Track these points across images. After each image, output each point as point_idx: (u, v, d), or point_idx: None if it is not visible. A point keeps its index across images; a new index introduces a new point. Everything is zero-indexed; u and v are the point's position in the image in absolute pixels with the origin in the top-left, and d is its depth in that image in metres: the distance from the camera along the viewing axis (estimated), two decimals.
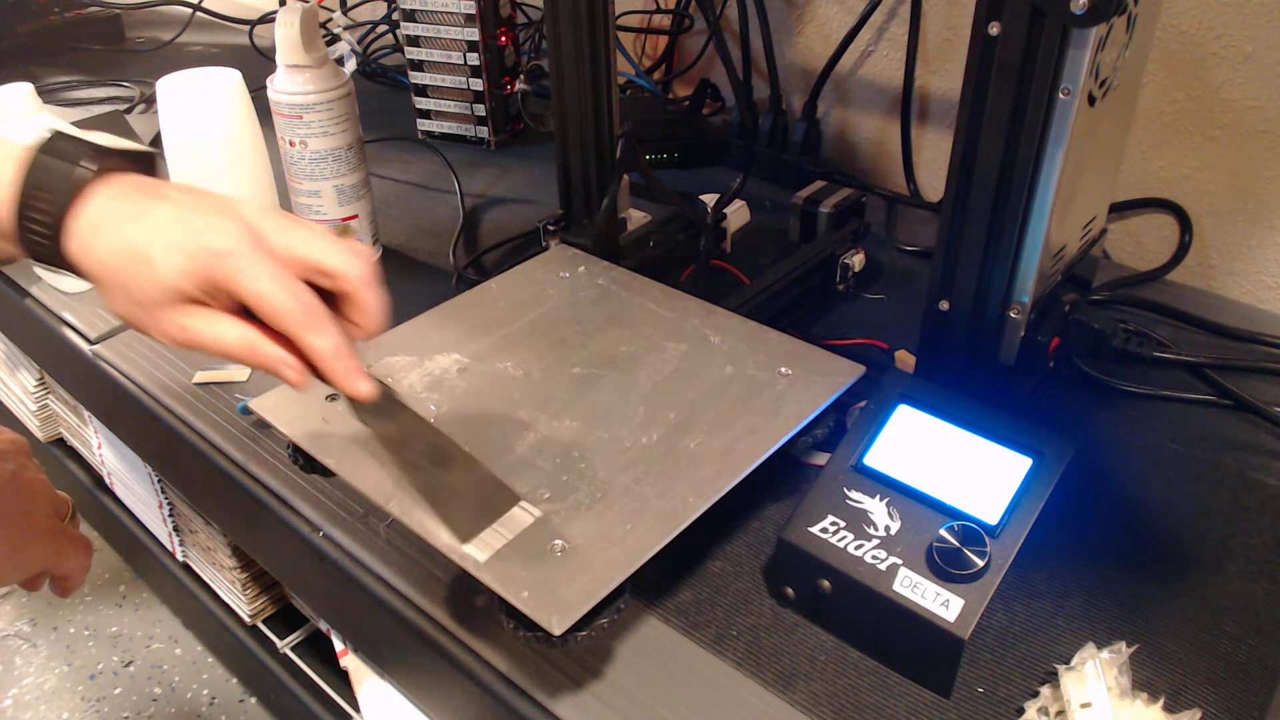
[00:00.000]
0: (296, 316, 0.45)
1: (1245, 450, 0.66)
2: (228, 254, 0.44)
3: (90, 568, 0.62)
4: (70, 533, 0.61)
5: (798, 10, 1.06)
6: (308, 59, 0.79)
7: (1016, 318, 0.59)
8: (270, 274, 0.45)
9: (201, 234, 0.45)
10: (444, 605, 0.56)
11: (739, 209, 0.92)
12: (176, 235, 0.45)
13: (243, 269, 0.45)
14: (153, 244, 0.44)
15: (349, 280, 0.47)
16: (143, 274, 0.45)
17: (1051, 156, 0.53)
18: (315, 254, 0.46)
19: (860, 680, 0.51)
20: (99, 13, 1.51)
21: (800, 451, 0.63)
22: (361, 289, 0.47)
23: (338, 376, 0.47)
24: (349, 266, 0.47)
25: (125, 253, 0.45)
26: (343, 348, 0.47)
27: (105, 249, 0.45)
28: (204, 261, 0.44)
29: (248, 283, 0.45)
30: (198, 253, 0.44)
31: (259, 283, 0.45)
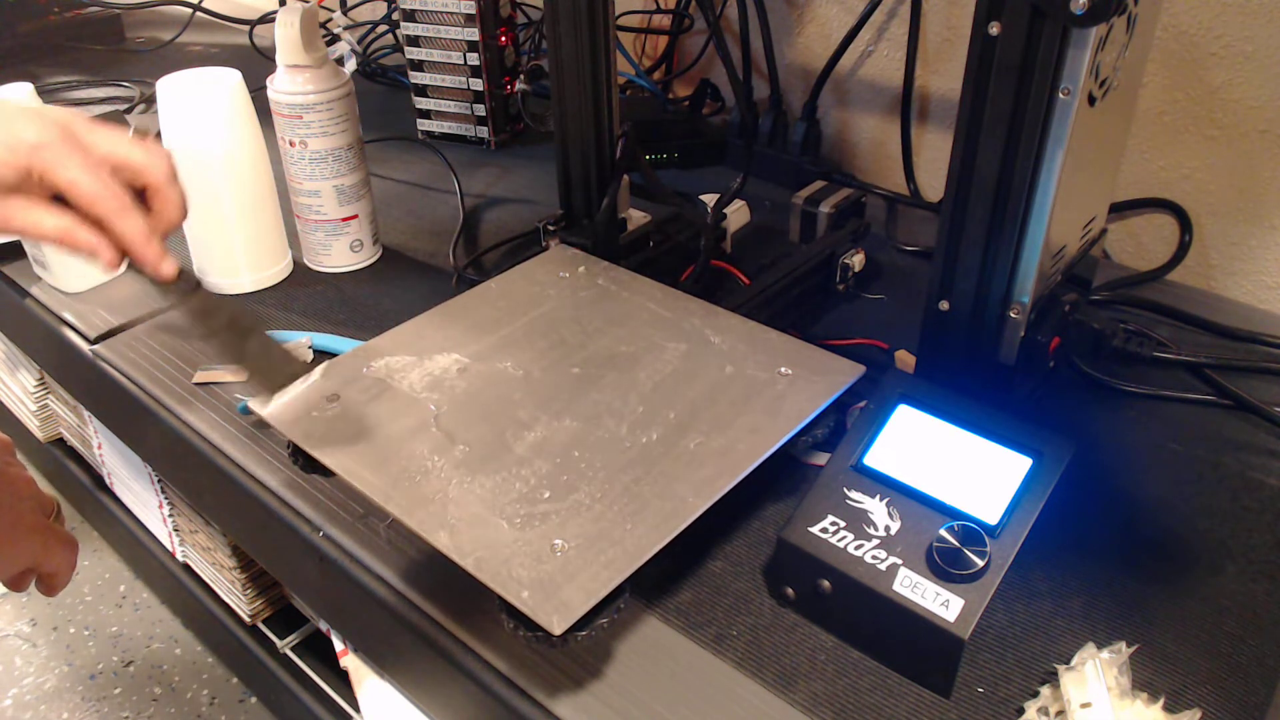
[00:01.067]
0: (108, 203, 0.50)
1: (1245, 450, 0.66)
2: (43, 145, 0.49)
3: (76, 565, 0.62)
4: (56, 530, 0.61)
5: (798, 10, 1.06)
6: (308, 59, 0.79)
7: (1016, 318, 0.59)
8: (83, 165, 0.50)
9: (17, 128, 0.49)
10: (444, 605, 0.56)
11: (739, 209, 0.92)
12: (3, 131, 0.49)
13: (58, 159, 0.49)
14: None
15: (152, 174, 0.52)
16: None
17: (1051, 156, 0.53)
18: (120, 151, 0.52)
19: (860, 680, 0.51)
20: (99, 13, 1.51)
21: (800, 451, 0.63)
22: (164, 182, 0.52)
23: (147, 258, 0.52)
24: (152, 161, 0.52)
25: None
26: (149, 232, 0.52)
27: None
28: (21, 152, 0.49)
29: (63, 171, 0.49)
30: (15, 144, 0.49)
31: (72, 171, 0.50)
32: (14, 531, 0.58)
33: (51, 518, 0.62)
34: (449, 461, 0.55)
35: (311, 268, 0.88)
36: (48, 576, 0.61)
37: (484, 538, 0.50)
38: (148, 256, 0.52)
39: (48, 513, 0.61)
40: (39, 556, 0.59)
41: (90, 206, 0.50)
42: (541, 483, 0.53)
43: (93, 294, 0.85)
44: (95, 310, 0.83)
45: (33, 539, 0.59)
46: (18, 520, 0.58)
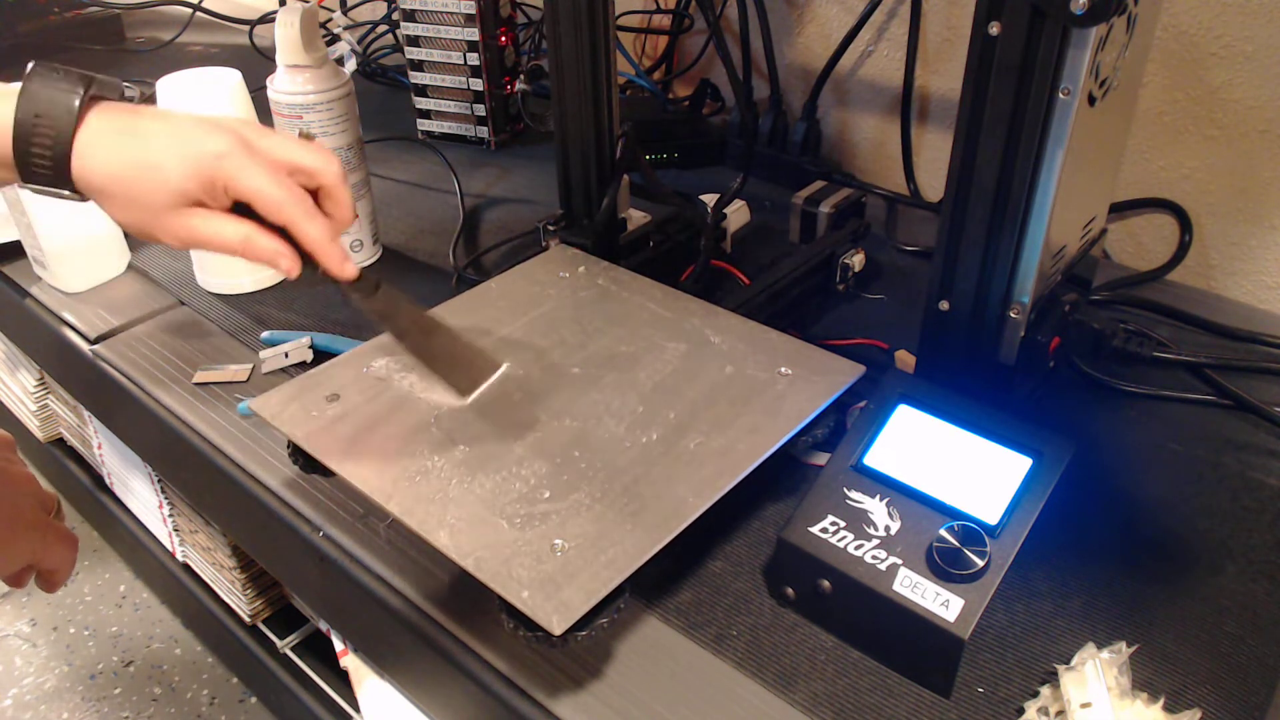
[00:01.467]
0: (292, 208, 0.51)
1: (1245, 450, 0.66)
2: (225, 155, 0.50)
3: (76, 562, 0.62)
4: (56, 526, 0.61)
5: (798, 10, 1.06)
6: (308, 59, 0.79)
7: (1016, 318, 0.59)
8: (264, 172, 0.51)
9: (200, 141, 0.50)
10: (444, 605, 0.56)
11: (739, 209, 0.92)
12: (178, 144, 0.50)
13: (240, 168, 0.50)
14: (159, 152, 0.50)
15: (326, 175, 0.53)
16: (152, 179, 0.50)
17: (1051, 156, 0.53)
18: (295, 155, 0.53)
19: (860, 680, 0.51)
20: (99, 13, 1.51)
21: (800, 451, 0.63)
22: (337, 183, 0.54)
23: (332, 259, 0.53)
24: (325, 163, 0.53)
25: (134, 163, 0.50)
26: (332, 233, 0.53)
27: (112, 162, 0.50)
28: (206, 164, 0.50)
29: (246, 179, 0.50)
30: (200, 156, 0.50)
31: (256, 179, 0.51)
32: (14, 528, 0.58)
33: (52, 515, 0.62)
34: (449, 461, 0.55)
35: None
36: (48, 573, 0.61)
37: (484, 538, 0.50)
38: (334, 258, 0.53)
39: (48, 509, 0.61)
40: (39, 553, 0.59)
41: (276, 212, 0.51)
42: (541, 483, 0.53)
43: (93, 294, 0.85)
44: (95, 310, 0.83)
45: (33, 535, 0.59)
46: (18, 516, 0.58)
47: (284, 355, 0.74)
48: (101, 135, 0.51)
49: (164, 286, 0.86)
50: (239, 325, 0.80)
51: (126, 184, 0.51)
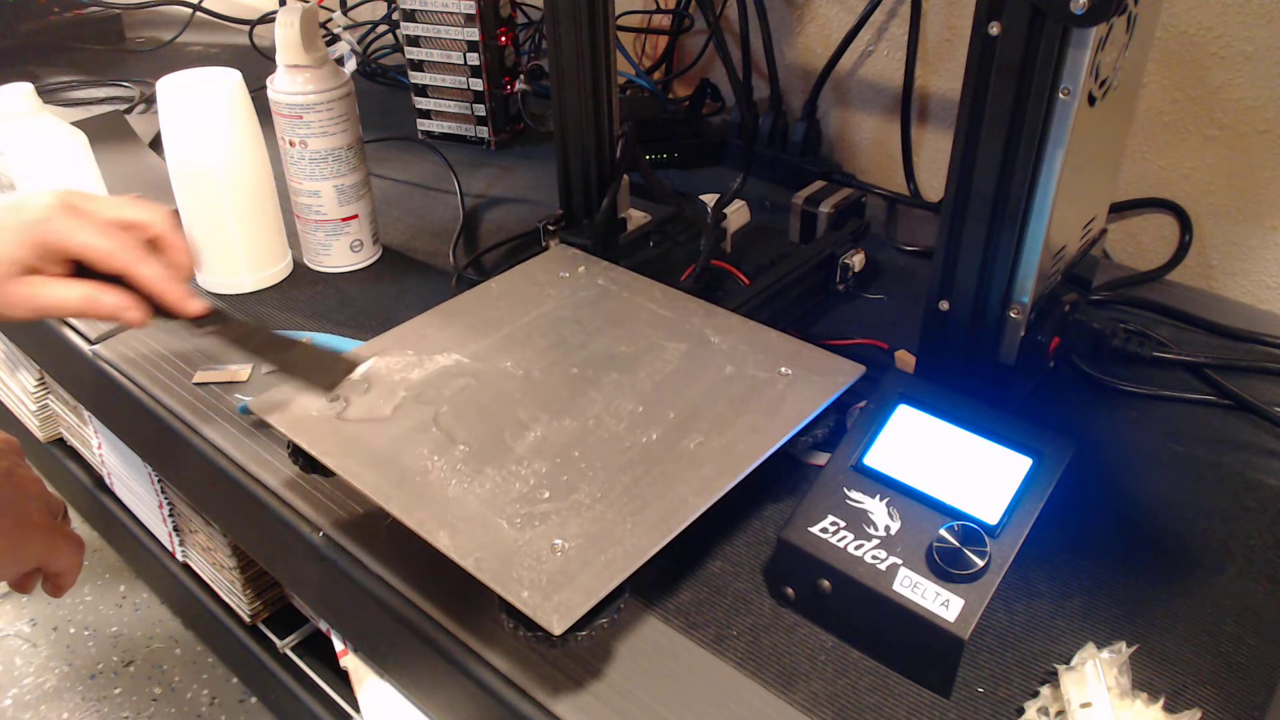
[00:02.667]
0: (124, 255, 0.53)
1: (1245, 450, 0.66)
2: (50, 219, 0.53)
3: (82, 566, 0.62)
4: (64, 530, 0.61)
5: (798, 10, 1.06)
6: (308, 59, 0.79)
7: (1016, 318, 0.59)
8: (91, 227, 0.53)
9: (24, 210, 0.53)
10: (444, 605, 0.56)
11: (739, 209, 0.92)
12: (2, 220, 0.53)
13: (69, 227, 0.53)
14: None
15: (155, 225, 0.55)
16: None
17: (1051, 156, 0.53)
18: (122, 212, 0.55)
19: (860, 680, 0.51)
20: (99, 13, 1.51)
21: (800, 451, 0.63)
22: (169, 231, 0.56)
23: (173, 299, 0.55)
24: (152, 215, 0.56)
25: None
26: (170, 275, 0.55)
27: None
28: (34, 230, 0.52)
29: (76, 236, 0.53)
30: (24, 226, 0.52)
31: (84, 235, 0.53)
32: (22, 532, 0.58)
33: (59, 519, 0.62)
34: (449, 461, 0.55)
35: (311, 268, 0.88)
36: (54, 577, 0.61)
37: (484, 538, 0.50)
38: (173, 296, 0.55)
39: (55, 514, 0.62)
40: (46, 557, 0.59)
41: (108, 262, 0.53)
42: (541, 483, 0.53)
43: None
44: None
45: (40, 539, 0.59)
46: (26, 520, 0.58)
47: None
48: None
49: None
50: None
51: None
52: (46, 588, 0.61)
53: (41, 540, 0.59)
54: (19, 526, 0.58)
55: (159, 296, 0.55)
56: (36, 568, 0.60)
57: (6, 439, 0.62)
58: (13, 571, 0.59)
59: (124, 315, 0.55)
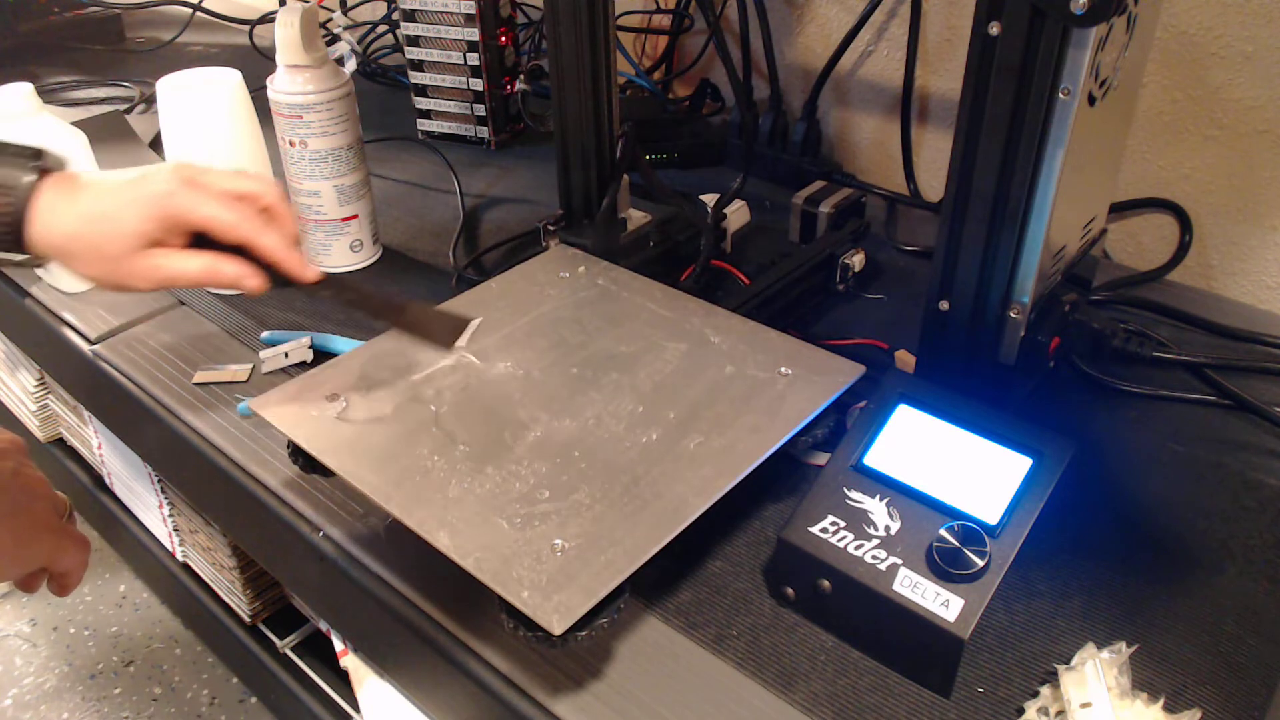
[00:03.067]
0: (246, 226, 0.56)
1: (1245, 450, 0.66)
2: (174, 193, 0.54)
3: (88, 566, 0.62)
4: (70, 530, 0.61)
5: (798, 10, 1.06)
6: (308, 59, 0.79)
7: (1016, 318, 0.59)
8: (214, 200, 0.55)
9: (148, 185, 0.55)
10: (444, 605, 0.56)
11: (739, 209, 0.92)
12: (127, 192, 0.55)
13: (192, 200, 0.55)
14: (111, 203, 0.55)
15: (267, 196, 0.58)
16: (110, 229, 0.54)
17: (1051, 156, 0.53)
18: (236, 184, 0.57)
19: (860, 680, 0.51)
20: (99, 13, 1.51)
21: (800, 451, 0.63)
22: (279, 202, 0.58)
23: (293, 265, 0.57)
24: (264, 186, 0.58)
25: (89, 217, 0.55)
26: (289, 243, 0.57)
27: (68, 222, 0.55)
28: (159, 203, 0.54)
29: (200, 209, 0.55)
30: (151, 198, 0.54)
31: (208, 207, 0.55)
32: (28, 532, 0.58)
33: (64, 518, 0.62)
34: (449, 461, 0.55)
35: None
36: (60, 576, 0.61)
37: (484, 538, 0.50)
38: (294, 264, 0.57)
39: (61, 513, 0.62)
40: (53, 556, 0.59)
41: (232, 232, 0.55)
42: (541, 483, 0.53)
43: (93, 294, 0.85)
44: (95, 310, 0.83)
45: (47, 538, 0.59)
46: (32, 520, 0.58)
47: (284, 355, 0.74)
48: (55, 202, 0.55)
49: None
50: (239, 325, 0.80)
51: (86, 238, 0.55)
52: (52, 587, 0.61)
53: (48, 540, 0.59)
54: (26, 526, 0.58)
55: (279, 264, 0.57)
56: (42, 567, 0.60)
57: (11, 439, 0.62)
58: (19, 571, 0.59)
59: (244, 283, 0.57)
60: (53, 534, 0.59)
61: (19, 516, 0.58)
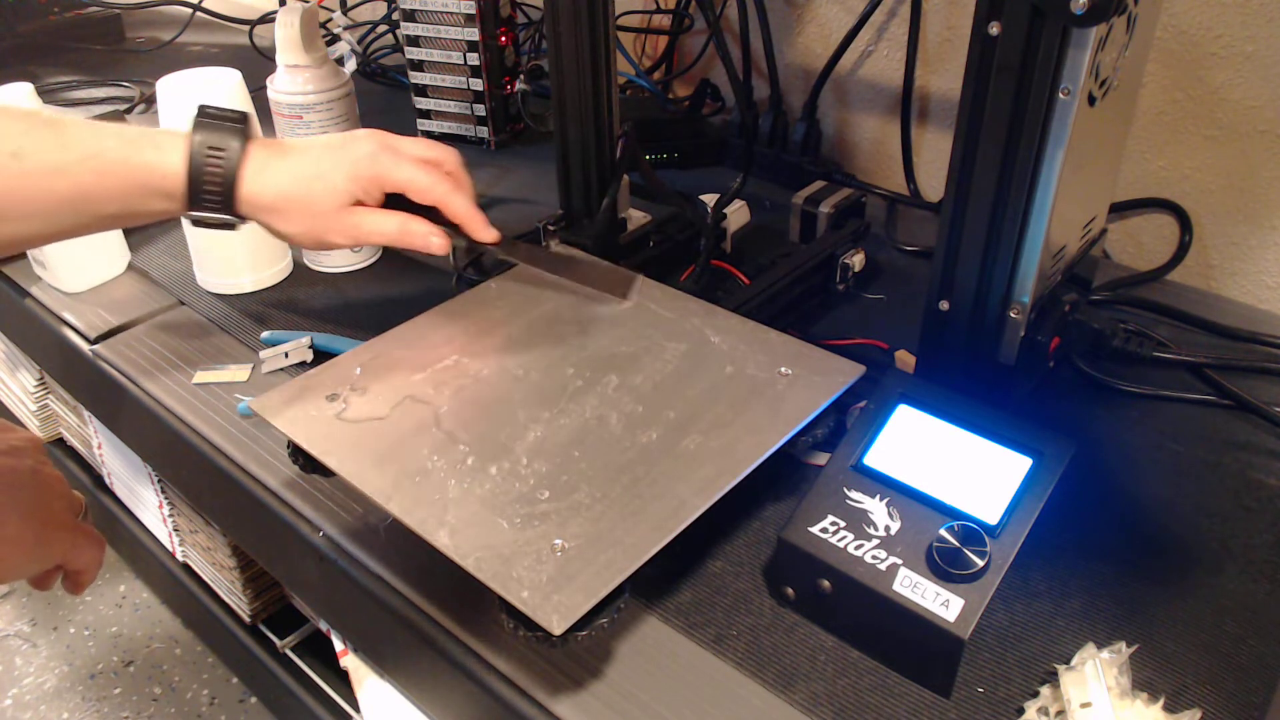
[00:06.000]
0: (440, 187, 0.62)
1: (1245, 450, 0.66)
2: (375, 156, 0.61)
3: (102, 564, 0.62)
4: (85, 528, 0.61)
5: (798, 10, 1.06)
6: (308, 59, 0.79)
7: (1016, 318, 0.59)
8: (410, 163, 0.62)
9: (352, 148, 0.61)
10: (444, 605, 0.56)
11: (739, 209, 0.92)
12: (334, 154, 0.61)
13: (392, 163, 0.61)
14: (321, 164, 0.61)
15: (450, 162, 0.65)
16: (321, 187, 0.60)
17: (1051, 156, 0.53)
18: (424, 151, 0.64)
19: (860, 680, 0.51)
20: (99, 13, 1.51)
21: (800, 451, 0.63)
22: (460, 168, 0.65)
23: (478, 225, 0.64)
24: (448, 153, 0.65)
25: (303, 176, 0.60)
26: (473, 203, 0.64)
27: (281, 181, 0.60)
28: (363, 165, 0.61)
29: (398, 172, 0.61)
30: (356, 160, 0.61)
31: (406, 170, 0.61)
32: (48, 527, 0.58)
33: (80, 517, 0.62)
34: (449, 461, 0.55)
35: (311, 268, 0.88)
36: (75, 574, 0.61)
37: (484, 538, 0.50)
38: (478, 223, 0.64)
39: (77, 512, 0.62)
40: (69, 553, 0.60)
41: (428, 194, 0.62)
42: (541, 483, 0.53)
43: (93, 294, 0.85)
44: (95, 310, 0.83)
45: (64, 536, 0.59)
46: (49, 518, 0.59)
47: (284, 355, 0.74)
48: (266, 163, 0.60)
49: (164, 286, 0.86)
50: (239, 325, 0.80)
51: (298, 197, 0.60)
52: (66, 585, 0.62)
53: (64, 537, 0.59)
54: (44, 525, 0.58)
55: (466, 223, 0.63)
56: (57, 565, 0.60)
57: (30, 437, 0.62)
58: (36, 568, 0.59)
59: (431, 241, 0.63)
60: (69, 532, 0.60)
61: (36, 513, 0.58)
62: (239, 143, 0.59)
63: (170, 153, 0.59)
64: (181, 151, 0.59)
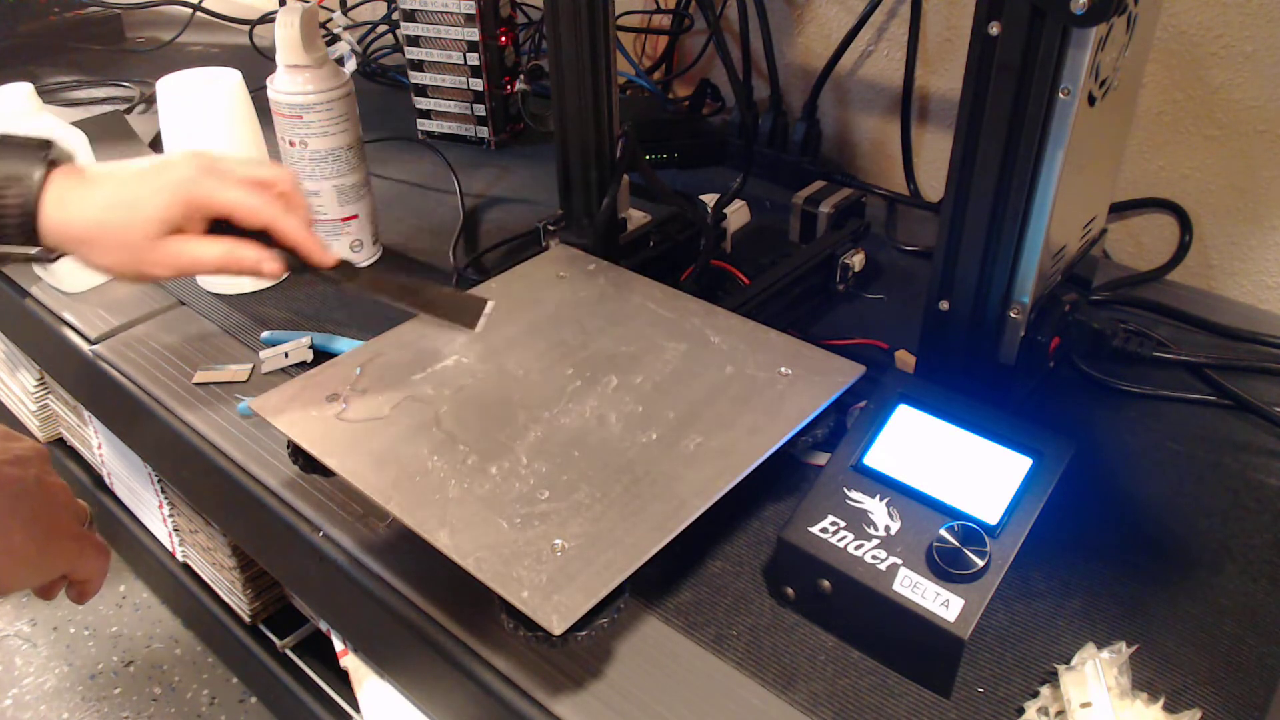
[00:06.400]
0: (269, 210, 0.56)
1: (1245, 450, 0.66)
2: (195, 179, 0.55)
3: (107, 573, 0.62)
4: (90, 537, 0.61)
5: (798, 10, 1.06)
6: (308, 59, 0.79)
7: (1016, 318, 0.59)
8: (235, 185, 0.56)
9: (168, 172, 0.55)
10: (444, 605, 0.56)
11: (739, 209, 0.92)
12: (149, 179, 0.55)
13: (214, 186, 0.55)
14: (134, 190, 0.55)
15: (284, 183, 0.59)
16: (134, 215, 0.54)
17: (1051, 156, 0.53)
18: (253, 171, 0.58)
19: (860, 680, 0.51)
20: (99, 13, 1.51)
21: (800, 451, 0.63)
22: (295, 189, 0.59)
23: (313, 248, 0.58)
24: (280, 173, 0.59)
25: (112, 204, 0.54)
26: (308, 227, 0.58)
27: (89, 209, 0.54)
28: (181, 189, 0.55)
29: (222, 194, 0.55)
30: (174, 184, 0.55)
31: (230, 192, 0.56)
32: (52, 537, 0.58)
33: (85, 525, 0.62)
34: (449, 461, 0.55)
35: None
36: (80, 584, 0.61)
37: (484, 538, 0.50)
38: (314, 247, 0.58)
39: (82, 521, 0.61)
40: (74, 563, 0.59)
41: (254, 217, 0.56)
42: (541, 483, 0.53)
43: (93, 294, 0.85)
44: (95, 310, 0.83)
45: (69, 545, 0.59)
46: (54, 527, 0.58)
47: (284, 355, 0.74)
48: (71, 191, 0.54)
49: (164, 286, 0.86)
50: (239, 325, 0.80)
51: (108, 226, 0.54)
52: (71, 594, 0.61)
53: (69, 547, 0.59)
54: (48, 536, 0.58)
55: (300, 247, 0.58)
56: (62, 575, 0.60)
57: (35, 446, 0.62)
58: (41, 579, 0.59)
59: (263, 267, 0.57)
60: (74, 542, 0.59)
61: (41, 523, 0.57)
62: (40, 170, 0.54)
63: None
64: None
